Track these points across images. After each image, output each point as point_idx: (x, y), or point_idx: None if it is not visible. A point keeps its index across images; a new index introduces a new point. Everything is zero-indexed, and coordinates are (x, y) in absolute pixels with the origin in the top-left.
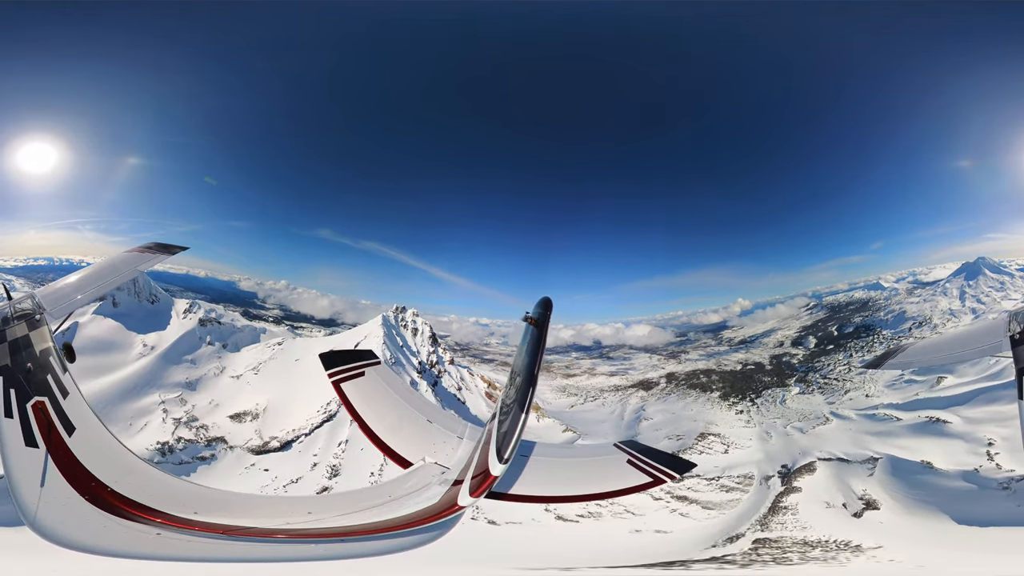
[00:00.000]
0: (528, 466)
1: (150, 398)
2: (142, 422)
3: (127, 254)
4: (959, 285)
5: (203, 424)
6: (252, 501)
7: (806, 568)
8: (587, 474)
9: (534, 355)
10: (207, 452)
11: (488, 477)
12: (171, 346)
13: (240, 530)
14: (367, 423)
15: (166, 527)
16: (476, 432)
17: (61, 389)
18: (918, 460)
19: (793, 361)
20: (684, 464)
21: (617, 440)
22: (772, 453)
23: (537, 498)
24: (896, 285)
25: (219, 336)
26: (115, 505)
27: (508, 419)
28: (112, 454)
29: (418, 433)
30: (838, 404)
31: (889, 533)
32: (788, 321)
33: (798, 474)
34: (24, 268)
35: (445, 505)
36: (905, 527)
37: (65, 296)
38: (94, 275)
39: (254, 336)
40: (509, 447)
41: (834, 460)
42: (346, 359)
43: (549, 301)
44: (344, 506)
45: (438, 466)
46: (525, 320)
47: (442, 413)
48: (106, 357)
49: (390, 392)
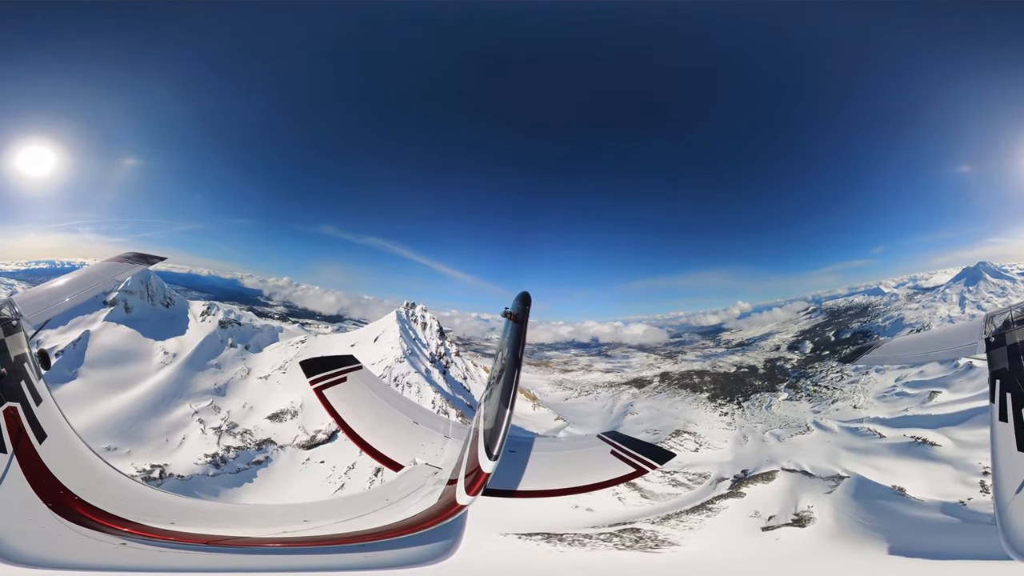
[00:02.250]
0: (517, 461)
1: (181, 409)
2: (179, 436)
3: (106, 263)
4: (959, 291)
5: (245, 429)
6: (242, 511)
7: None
8: (574, 467)
9: (515, 350)
10: (260, 455)
11: (481, 474)
12: (194, 352)
13: (224, 540)
14: (353, 428)
15: (135, 537)
16: (460, 430)
17: (35, 395)
18: (889, 485)
19: (787, 366)
20: (664, 454)
21: (601, 430)
22: (741, 457)
23: (528, 493)
24: (896, 290)
25: (240, 338)
26: (80, 514)
27: (494, 415)
28: (83, 462)
29: (405, 435)
30: (823, 413)
31: (763, 547)
32: (787, 325)
33: (752, 481)
34: (26, 272)
35: (445, 505)
36: (804, 547)
37: (43, 303)
38: (73, 283)
39: (273, 335)
40: (497, 443)
41: (798, 472)
42: (327, 366)
43: (528, 296)
44: (342, 512)
45: (430, 467)
46: (505, 316)
47: (426, 413)
48: (125, 368)
49: (374, 396)
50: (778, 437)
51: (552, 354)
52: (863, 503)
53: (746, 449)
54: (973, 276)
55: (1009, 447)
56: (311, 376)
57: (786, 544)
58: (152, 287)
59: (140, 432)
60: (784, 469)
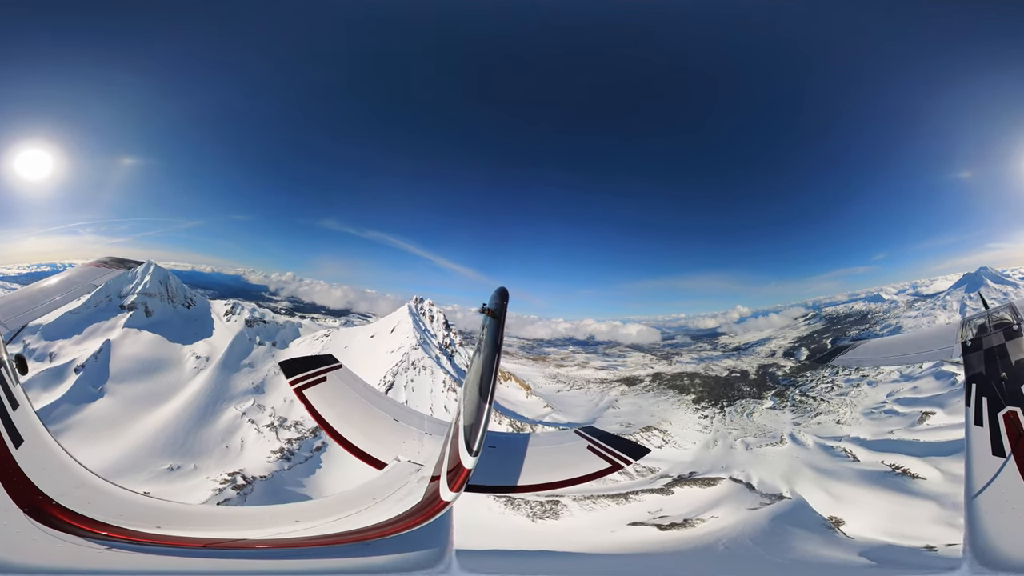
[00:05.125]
0: (495, 457)
1: (228, 414)
2: (237, 440)
3: (84, 268)
4: (960, 297)
5: (296, 420)
6: (230, 513)
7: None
8: (554, 462)
9: (494, 346)
10: (318, 442)
11: (463, 470)
12: (226, 354)
13: (216, 543)
14: (334, 428)
15: (119, 541)
16: (438, 425)
17: (11, 400)
18: (826, 515)
19: (779, 373)
20: (639, 449)
21: (583, 419)
22: (700, 460)
23: (509, 488)
24: (896, 297)
25: (266, 335)
26: (59, 519)
27: (473, 411)
28: (61, 467)
29: (387, 432)
30: (803, 426)
31: (612, 535)
32: (785, 331)
33: (692, 483)
34: (27, 276)
35: (429, 502)
36: (641, 545)
37: (20, 308)
38: (52, 288)
39: (294, 331)
40: (477, 439)
41: (742, 484)
42: (307, 366)
43: (505, 291)
44: (331, 512)
45: (412, 464)
46: (482, 311)
47: (406, 410)
48: (157, 379)
49: (354, 395)
50: (747, 446)
51: (550, 350)
52: (776, 526)
53: (710, 453)
54: (974, 282)
55: (984, 451)
56: (291, 377)
57: (630, 539)
58: (172, 288)
59: (196, 445)
60: (732, 479)
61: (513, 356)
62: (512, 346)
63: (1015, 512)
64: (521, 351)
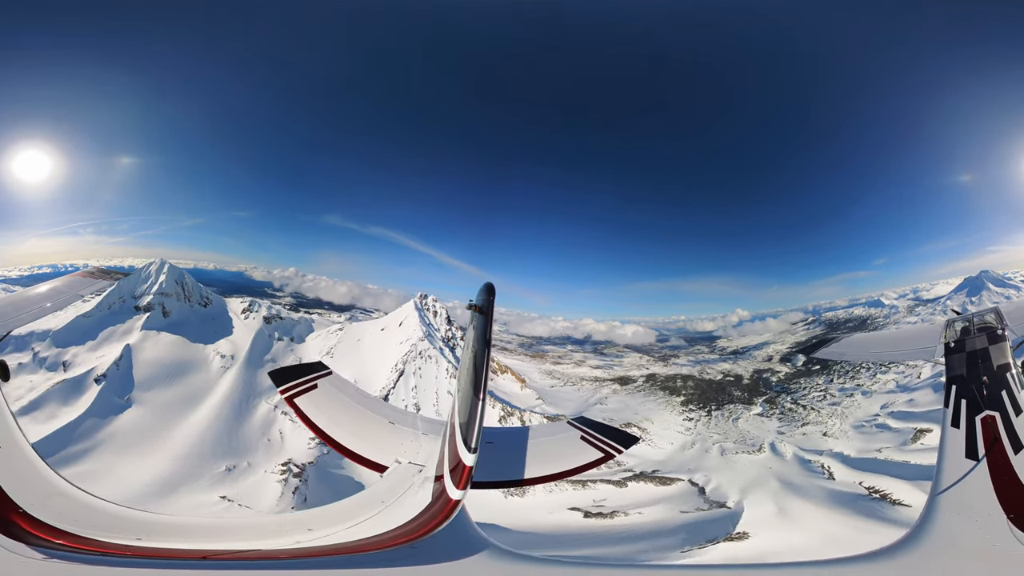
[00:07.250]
0: (495, 452)
1: (261, 410)
2: (276, 432)
3: (71, 278)
4: (960, 302)
5: None
6: (227, 524)
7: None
8: (551, 454)
9: (483, 341)
10: None
11: (464, 468)
12: (249, 351)
13: (200, 554)
14: (329, 435)
15: (90, 554)
16: (432, 424)
17: None
18: (744, 531)
19: (772, 379)
20: (629, 438)
21: (572, 413)
22: (671, 460)
23: (511, 483)
24: (896, 302)
25: (284, 331)
26: (26, 530)
27: (467, 408)
28: (36, 475)
29: (383, 435)
30: (787, 436)
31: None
32: (783, 335)
33: (648, 480)
34: (29, 277)
35: (441, 504)
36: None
37: (4, 314)
38: (38, 296)
39: (308, 327)
40: (474, 436)
41: (696, 488)
42: (297, 374)
43: (492, 287)
44: (340, 520)
45: (413, 465)
46: (470, 308)
47: (399, 412)
48: (185, 382)
49: (346, 400)
50: (723, 451)
51: (549, 348)
52: (689, 534)
53: (684, 455)
54: (976, 286)
55: (957, 453)
56: (281, 386)
57: (556, 521)
58: (188, 287)
59: (242, 443)
60: (690, 481)
61: (511, 352)
62: (511, 343)
63: (973, 517)
64: (520, 348)
